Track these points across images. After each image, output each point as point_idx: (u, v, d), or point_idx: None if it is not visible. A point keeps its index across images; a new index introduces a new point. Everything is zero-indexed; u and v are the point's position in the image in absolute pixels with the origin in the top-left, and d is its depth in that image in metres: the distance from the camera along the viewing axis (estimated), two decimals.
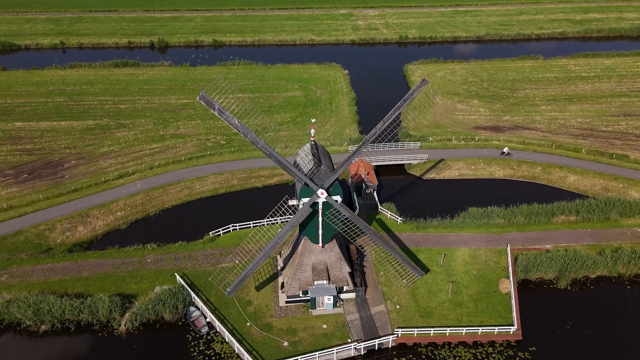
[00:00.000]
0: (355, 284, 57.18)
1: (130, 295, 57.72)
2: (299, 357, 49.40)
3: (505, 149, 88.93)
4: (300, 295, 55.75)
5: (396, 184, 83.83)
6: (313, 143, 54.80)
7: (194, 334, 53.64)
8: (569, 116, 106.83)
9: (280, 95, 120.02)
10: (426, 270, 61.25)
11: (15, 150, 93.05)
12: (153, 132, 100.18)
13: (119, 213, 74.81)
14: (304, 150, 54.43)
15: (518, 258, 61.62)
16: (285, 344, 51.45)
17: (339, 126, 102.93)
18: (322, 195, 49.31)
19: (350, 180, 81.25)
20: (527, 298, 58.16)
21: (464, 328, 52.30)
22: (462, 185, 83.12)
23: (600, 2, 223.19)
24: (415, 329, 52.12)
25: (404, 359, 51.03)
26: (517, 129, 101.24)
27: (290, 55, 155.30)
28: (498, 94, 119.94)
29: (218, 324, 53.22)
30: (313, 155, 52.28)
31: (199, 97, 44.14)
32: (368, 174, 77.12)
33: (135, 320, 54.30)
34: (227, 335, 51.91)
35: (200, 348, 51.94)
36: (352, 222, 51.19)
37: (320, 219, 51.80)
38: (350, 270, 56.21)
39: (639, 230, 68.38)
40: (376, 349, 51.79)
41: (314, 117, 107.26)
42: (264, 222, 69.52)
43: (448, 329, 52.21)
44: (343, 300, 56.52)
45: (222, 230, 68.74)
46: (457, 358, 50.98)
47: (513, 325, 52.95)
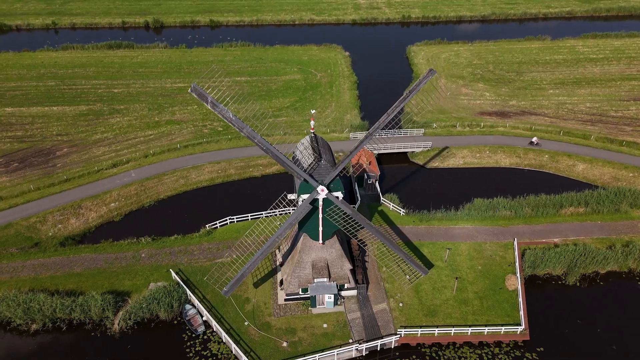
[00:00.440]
0: (356, 281, 55.17)
1: (124, 293, 55.77)
2: (298, 359, 47.66)
3: (534, 139, 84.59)
4: (300, 293, 53.79)
5: (399, 173, 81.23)
6: (313, 135, 52.02)
7: (189, 334, 51.84)
8: (577, 101, 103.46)
9: (279, 79, 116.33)
10: (430, 265, 59.18)
11: (6, 138, 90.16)
12: (148, 118, 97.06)
13: (113, 204, 72.44)
14: (302, 144, 51.70)
15: (525, 253, 59.45)
16: (285, 344, 49.68)
17: (340, 112, 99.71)
18: (323, 192, 46.79)
19: (351, 170, 78.62)
20: (535, 295, 56.19)
21: (469, 328, 50.45)
22: (467, 174, 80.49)
23: None
24: (419, 329, 50.27)
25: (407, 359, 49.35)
26: (524, 114, 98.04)
27: (289, 36, 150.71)
28: (504, 77, 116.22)
29: (214, 324, 51.37)
30: (313, 148, 49.56)
31: (190, 90, 41.21)
32: (370, 163, 74.44)
33: (129, 319, 52.47)
34: (224, 335, 50.11)
35: (197, 349, 50.17)
36: (354, 219, 48.79)
37: (320, 215, 49.41)
38: (351, 267, 54.10)
39: None
40: (378, 349, 50.02)
41: (313, 102, 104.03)
42: (262, 215, 67.26)
43: (453, 328, 50.36)
44: (344, 298, 54.59)
45: (219, 223, 66.46)
46: (462, 359, 49.24)
47: (520, 324, 51.08)
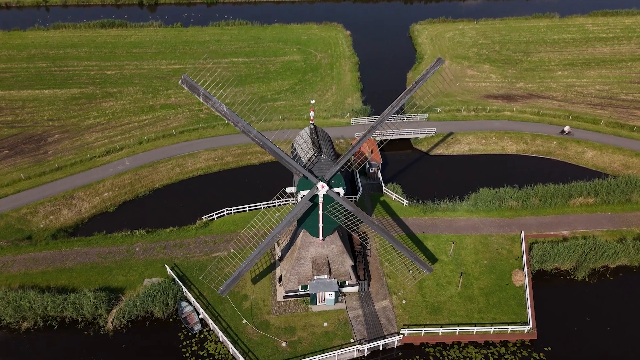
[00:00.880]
0: (358, 277, 53.23)
1: (118, 289, 53.94)
2: None
3: (567, 128, 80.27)
4: (300, 290, 51.92)
5: (402, 160, 78.56)
6: (312, 126, 49.25)
7: (186, 332, 50.18)
8: (586, 83, 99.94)
9: (277, 60, 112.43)
10: (434, 260, 57.19)
11: None
12: (142, 102, 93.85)
13: (106, 194, 70.08)
14: (302, 136, 48.96)
15: (533, 247, 57.36)
16: (284, 344, 48.04)
17: (341, 95, 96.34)
18: (323, 189, 44.34)
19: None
20: (542, 291, 54.31)
21: (475, 327, 48.73)
22: (473, 161, 77.83)
23: None
24: (423, 329, 48.54)
25: None
26: (531, 97, 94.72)
27: (288, 14, 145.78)
28: (510, 58, 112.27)
29: (211, 323, 49.66)
30: (312, 141, 46.86)
31: (180, 82, 38.35)
32: (372, 151, 71.69)
33: (123, 317, 50.73)
34: (221, 335, 48.44)
35: (193, 348, 48.55)
36: (355, 216, 46.48)
37: (320, 212, 47.08)
38: (352, 264, 52.07)
39: None
40: (380, 349, 48.41)
41: (313, 85, 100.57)
42: (260, 206, 65.04)
43: (458, 328, 48.62)
44: (345, 295, 52.76)
45: (216, 214, 64.24)
46: (467, 359, 47.67)
47: (528, 323, 49.34)
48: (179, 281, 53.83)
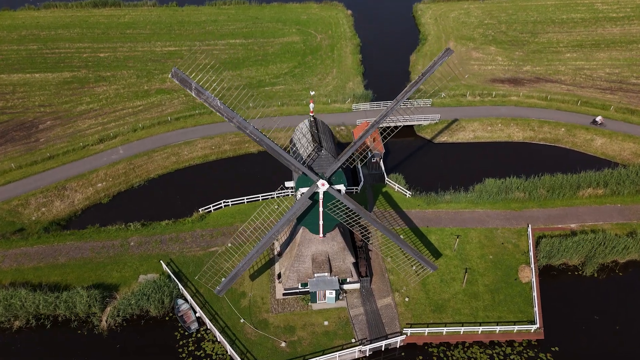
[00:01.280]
0: (359, 274, 51.54)
1: (112, 286, 52.34)
2: None
3: (599, 118, 76.37)
4: (299, 287, 50.30)
5: (405, 148, 76.12)
6: (312, 119, 46.77)
7: (182, 331, 48.77)
8: (595, 66, 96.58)
9: (276, 41, 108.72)
10: (438, 255, 55.43)
11: None
12: (136, 87, 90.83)
13: (100, 184, 67.98)
14: (301, 130, 46.53)
15: (541, 243, 55.51)
16: (283, 344, 46.65)
17: (342, 79, 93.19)
18: (323, 187, 42.16)
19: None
20: (549, 287, 52.69)
21: (480, 327, 47.25)
22: (478, 149, 75.39)
23: None
24: (426, 328, 47.08)
25: None
26: (539, 81, 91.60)
27: None
28: (517, 39, 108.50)
29: (208, 322, 48.18)
30: (312, 135, 44.46)
31: (171, 75, 35.76)
32: (374, 140, 69.25)
33: (118, 315, 49.26)
34: (218, 335, 47.02)
35: (190, 348, 47.18)
36: (357, 215, 44.45)
37: (320, 209, 45.00)
38: (354, 260, 50.26)
39: None
40: (383, 349, 47.04)
41: (313, 68, 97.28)
42: (258, 198, 63.03)
43: (462, 327, 47.15)
44: (346, 292, 51.17)
45: (213, 206, 62.24)
46: (472, 359, 46.34)
47: (535, 322, 47.85)
48: (175, 278, 52.19)
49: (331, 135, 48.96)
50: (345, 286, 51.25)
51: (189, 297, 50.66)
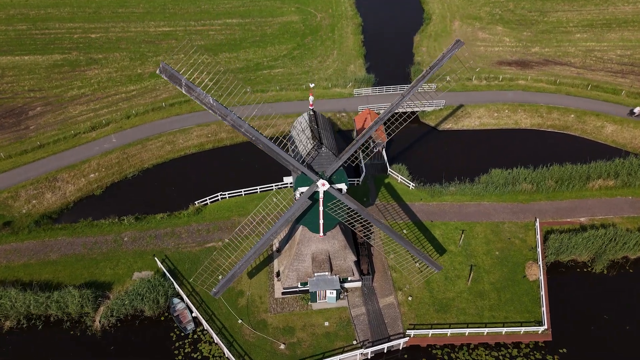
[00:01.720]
0: (361, 272, 49.77)
1: (105, 284, 50.65)
2: None
3: (637, 109, 72.25)
4: (299, 286, 48.59)
5: (408, 136, 73.15)
6: (312, 113, 44.10)
7: (178, 332, 47.27)
8: (607, 47, 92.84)
9: (274, 21, 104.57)
10: (442, 251, 53.57)
11: None
12: (129, 70, 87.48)
13: (92, 175, 65.67)
14: (300, 124, 43.89)
15: (549, 239, 53.51)
16: (282, 346, 45.20)
17: (343, 62, 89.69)
18: (323, 187, 39.86)
19: (355, 133, 71.02)
20: (557, 285, 50.94)
21: (485, 328, 45.70)
22: (484, 137, 72.71)
23: None
24: (430, 330, 45.52)
25: None
26: (547, 64, 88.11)
27: None
28: (526, 18, 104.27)
29: (205, 323, 46.64)
30: (312, 130, 41.89)
31: (158, 71, 33.10)
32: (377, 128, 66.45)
33: (111, 315, 47.69)
34: (215, 336, 45.52)
35: (186, 350, 45.73)
36: (360, 215, 42.29)
37: (321, 208, 42.83)
38: (355, 259, 48.37)
39: None
40: (385, 351, 45.61)
41: (313, 50, 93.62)
42: (257, 190, 60.84)
43: (467, 329, 45.62)
44: (347, 291, 49.48)
45: (209, 199, 60.09)
46: None
47: (542, 324, 46.28)
48: (170, 277, 50.41)
49: (331, 130, 46.35)
50: (347, 284, 49.56)
51: (184, 297, 49.02)
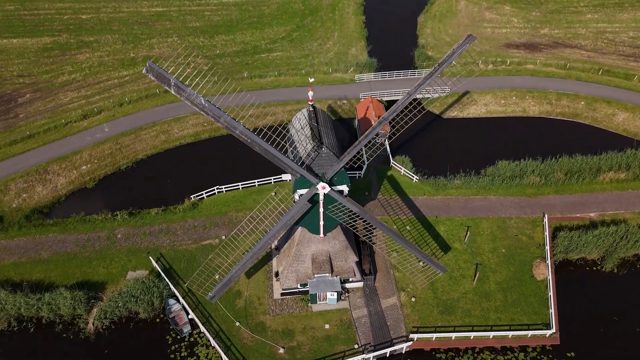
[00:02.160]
0: (363, 272, 48.04)
1: (98, 284, 49.01)
2: None
3: None
4: (299, 287, 46.94)
5: (412, 124, 70.26)
6: (311, 109, 41.54)
7: (174, 335, 45.83)
8: (618, 29, 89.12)
9: (272, 1, 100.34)
10: (447, 248, 51.74)
11: None
12: (122, 54, 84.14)
13: (84, 167, 63.40)
14: (299, 121, 41.36)
15: (558, 237, 51.57)
16: (281, 350, 43.81)
17: (344, 44, 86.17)
18: (324, 190, 37.67)
19: (357, 122, 68.37)
20: (565, 284, 49.27)
21: (491, 332, 44.19)
22: (490, 125, 70.13)
23: None
24: (434, 334, 44.06)
25: None
26: (557, 46, 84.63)
27: None
28: None
29: (201, 326, 45.16)
30: (312, 128, 39.43)
31: (145, 70, 30.61)
32: (379, 117, 63.85)
33: (105, 317, 46.16)
34: (212, 340, 44.09)
35: (182, 354, 44.33)
36: (361, 217, 40.21)
37: (321, 209, 40.73)
38: (357, 259, 46.56)
39: None
40: (387, 355, 44.24)
41: (313, 31, 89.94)
42: (255, 183, 58.69)
43: (472, 333, 44.13)
44: (349, 292, 47.86)
45: (206, 193, 57.99)
46: None
47: (550, 327, 44.75)
48: (166, 277, 48.73)
49: (331, 126, 43.85)
50: (348, 285, 47.91)
51: (180, 298, 47.43)
